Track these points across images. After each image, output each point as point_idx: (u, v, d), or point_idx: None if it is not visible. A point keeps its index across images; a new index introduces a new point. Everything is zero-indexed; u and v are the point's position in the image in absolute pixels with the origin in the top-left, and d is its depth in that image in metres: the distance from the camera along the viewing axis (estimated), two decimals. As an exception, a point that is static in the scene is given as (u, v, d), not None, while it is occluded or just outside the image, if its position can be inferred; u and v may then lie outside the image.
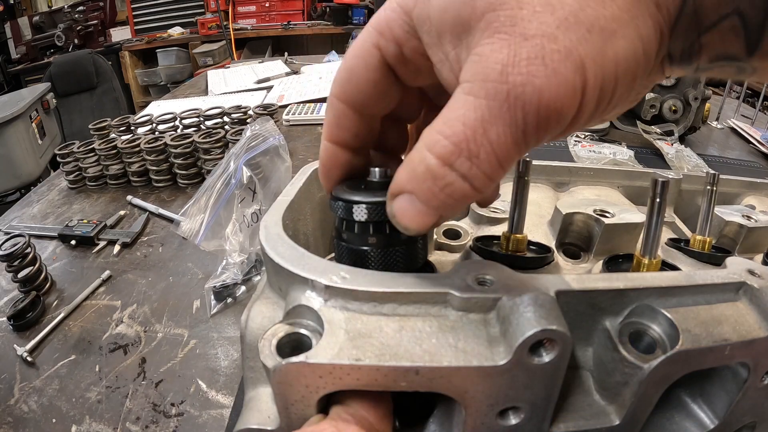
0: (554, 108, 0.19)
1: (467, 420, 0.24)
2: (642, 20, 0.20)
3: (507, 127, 0.20)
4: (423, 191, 0.22)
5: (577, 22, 0.19)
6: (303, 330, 0.24)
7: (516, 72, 0.19)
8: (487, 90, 0.20)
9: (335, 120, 0.27)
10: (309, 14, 3.83)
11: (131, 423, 0.54)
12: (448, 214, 0.23)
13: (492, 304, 0.24)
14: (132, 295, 0.74)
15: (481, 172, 0.21)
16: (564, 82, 0.19)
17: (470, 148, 0.20)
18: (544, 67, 0.19)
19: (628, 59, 0.20)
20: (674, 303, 0.26)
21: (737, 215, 0.46)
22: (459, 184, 0.21)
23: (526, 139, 0.20)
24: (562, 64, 0.19)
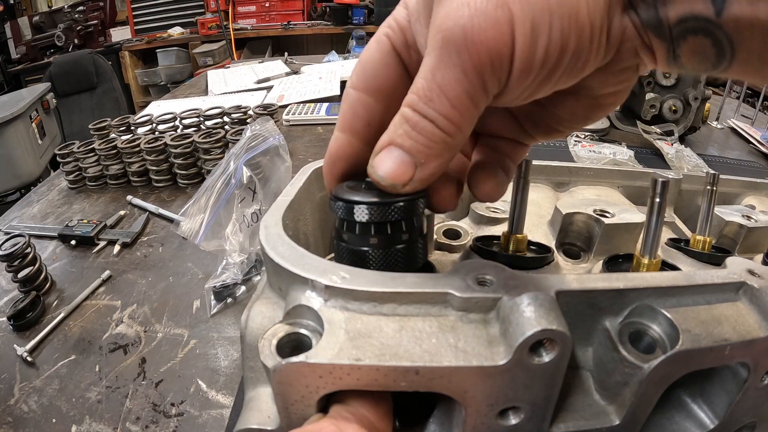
0: (480, 41, 0.21)
1: (467, 420, 0.24)
2: None
3: (448, 69, 0.22)
4: (398, 135, 0.24)
5: None
6: (303, 330, 0.24)
7: (449, 18, 0.21)
8: (433, 43, 0.22)
9: (349, 108, 0.28)
10: (309, 14, 3.83)
11: (131, 423, 0.54)
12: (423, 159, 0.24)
13: (492, 304, 0.24)
14: (132, 295, 0.74)
15: (438, 113, 0.23)
16: (486, 17, 0.21)
17: (425, 93, 0.23)
18: (468, 9, 0.21)
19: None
20: (674, 303, 0.26)
21: (737, 215, 0.46)
22: (423, 123, 0.23)
23: (467, 78, 0.22)
24: (484, 3, 0.21)
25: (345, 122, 0.28)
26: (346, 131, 0.28)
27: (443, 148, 0.24)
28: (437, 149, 0.24)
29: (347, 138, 0.28)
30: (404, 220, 0.27)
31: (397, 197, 0.26)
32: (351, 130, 0.28)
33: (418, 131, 0.24)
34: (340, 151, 0.29)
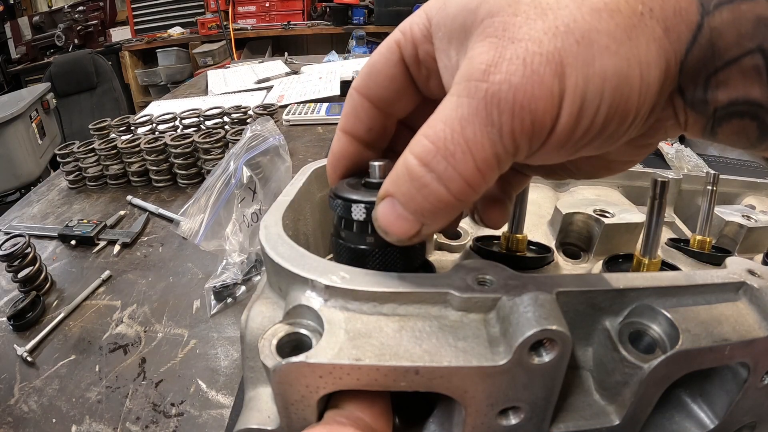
0: (529, 108, 0.19)
1: (467, 420, 0.24)
2: (643, 42, 0.19)
3: (483, 125, 0.20)
4: (402, 193, 0.22)
5: (567, 31, 0.19)
6: (303, 330, 0.24)
7: (496, 71, 0.19)
8: (469, 89, 0.20)
9: (352, 111, 0.28)
10: (309, 14, 3.83)
11: (131, 423, 0.54)
12: (429, 221, 0.22)
13: (492, 304, 0.24)
14: (132, 295, 0.74)
15: (457, 174, 0.20)
16: (540, 84, 0.19)
17: (447, 147, 0.20)
18: (523, 68, 0.19)
19: (619, 78, 0.19)
20: (674, 303, 0.26)
21: (737, 215, 0.46)
22: (435, 186, 0.21)
23: (502, 141, 0.20)
24: (541, 66, 0.19)
25: (347, 125, 0.28)
26: (348, 133, 0.28)
27: (453, 211, 0.22)
28: (446, 212, 0.22)
29: (349, 139, 0.28)
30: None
31: None
32: (353, 133, 0.28)
33: (424, 195, 0.21)
34: (342, 151, 0.29)
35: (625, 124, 0.21)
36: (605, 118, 0.20)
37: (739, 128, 0.21)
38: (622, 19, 0.19)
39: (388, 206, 0.22)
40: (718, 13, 0.19)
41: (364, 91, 0.27)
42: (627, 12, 0.19)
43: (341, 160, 0.29)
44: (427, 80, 0.26)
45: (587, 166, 0.27)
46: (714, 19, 0.19)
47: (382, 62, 0.26)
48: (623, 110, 0.20)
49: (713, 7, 0.19)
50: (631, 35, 0.19)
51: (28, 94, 2.40)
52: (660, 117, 0.22)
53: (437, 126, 0.20)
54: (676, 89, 0.21)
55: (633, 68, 0.19)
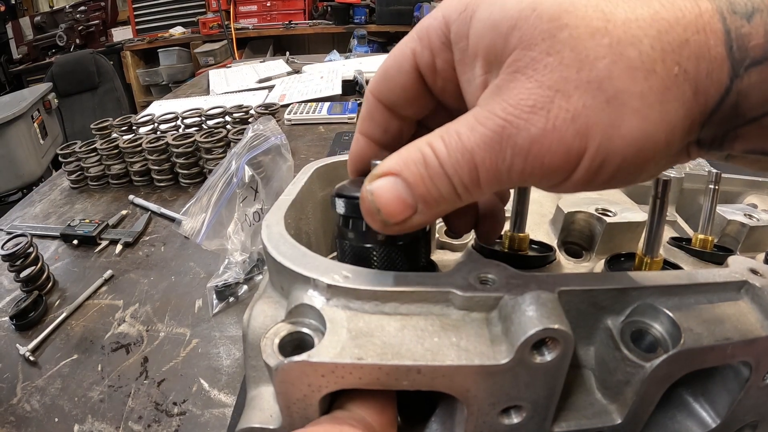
0: (542, 161, 0.20)
1: (469, 419, 0.24)
2: (673, 106, 0.19)
3: (494, 159, 0.20)
4: (411, 173, 0.22)
5: (600, 89, 0.19)
6: (305, 329, 0.24)
7: (518, 114, 0.19)
8: (489, 120, 0.20)
9: (368, 114, 0.28)
10: (310, 14, 3.83)
11: (133, 422, 0.54)
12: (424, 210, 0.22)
13: (494, 303, 0.24)
14: (134, 295, 0.74)
15: (460, 180, 0.21)
16: (559, 141, 0.19)
17: (458, 159, 0.21)
18: (545, 120, 0.19)
19: (643, 142, 0.19)
20: (676, 302, 0.26)
21: (739, 214, 0.46)
22: (443, 179, 0.21)
23: (509, 176, 0.21)
24: (565, 123, 0.19)
25: (363, 127, 0.29)
26: (366, 135, 0.29)
27: (449, 206, 0.23)
28: (446, 206, 0.22)
29: (366, 141, 0.29)
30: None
31: None
32: (369, 135, 0.29)
33: (434, 182, 0.22)
34: (360, 153, 0.29)
35: (642, 176, 0.21)
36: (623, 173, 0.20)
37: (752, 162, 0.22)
38: (657, 81, 0.19)
39: (389, 184, 0.22)
40: (746, 76, 0.19)
41: (378, 95, 0.27)
42: (662, 73, 0.19)
43: (360, 163, 0.29)
44: (443, 90, 0.26)
45: None
46: (742, 81, 0.19)
47: (395, 69, 0.26)
48: (641, 166, 0.20)
49: (743, 70, 0.19)
50: (663, 99, 0.19)
51: (29, 94, 2.41)
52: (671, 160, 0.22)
53: (453, 135, 0.21)
54: (695, 141, 0.21)
55: (659, 131, 0.19)
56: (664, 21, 0.19)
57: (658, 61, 0.19)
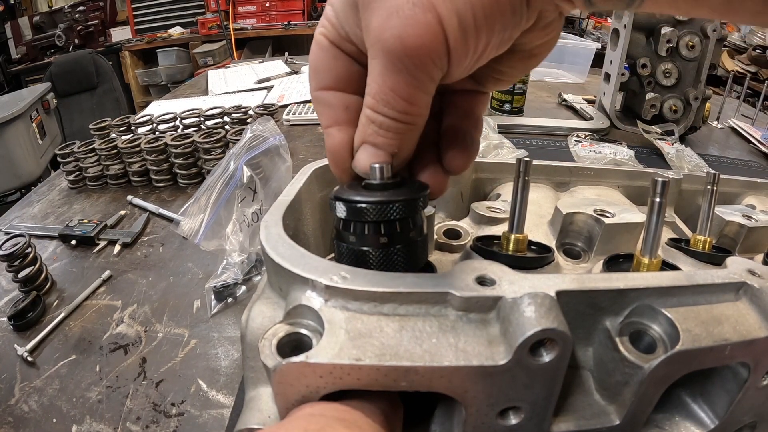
0: (417, 45, 0.23)
1: (468, 419, 0.24)
2: None
3: (396, 74, 0.24)
4: (369, 134, 0.27)
5: None
6: (303, 330, 0.24)
7: (383, 30, 0.24)
8: (375, 52, 0.25)
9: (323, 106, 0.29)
10: (309, 14, 3.83)
11: (132, 423, 0.54)
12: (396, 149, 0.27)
13: (492, 304, 0.24)
14: (132, 295, 0.74)
15: (395, 111, 0.26)
16: (417, 24, 0.23)
17: (382, 98, 0.25)
18: (399, 19, 0.23)
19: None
20: (674, 303, 0.26)
21: (737, 215, 0.46)
22: (387, 122, 0.26)
23: (415, 78, 0.25)
24: (412, 11, 0.23)
25: (326, 119, 0.30)
26: (333, 125, 0.29)
27: (410, 134, 0.27)
28: (406, 137, 0.27)
29: (336, 130, 0.29)
30: (404, 219, 0.27)
31: (396, 197, 0.26)
32: (335, 121, 0.29)
33: (385, 129, 0.26)
34: (336, 143, 0.29)
35: (507, 20, 0.24)
36: (486, 23, 0.24)
37: None
38: None
39: (363, 151, 0.27)
40: None
41: (321, 84, 0.29)
42: None
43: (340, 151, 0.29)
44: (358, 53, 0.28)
45: (515, 62, 0.30)
46: None
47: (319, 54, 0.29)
48: (498, 10, 0.24)
49: None
50: None
51: (28, 94, 2.40)
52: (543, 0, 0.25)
53: (371, 85, 0.26)
54: None
55: None
56: None
57: None
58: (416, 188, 0.27)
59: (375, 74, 0.25)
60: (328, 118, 0.29)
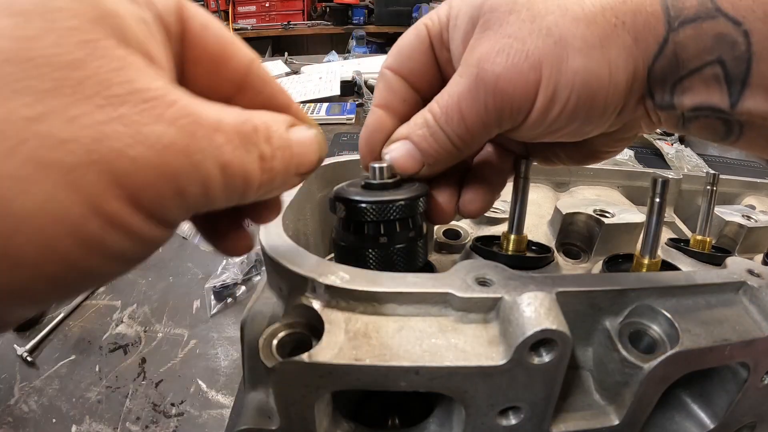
0: (508, 92, 0.24)
1: (467, 420, 0.24)
2: (614, 49, 0.23)
3: (473, 101, 0.25)
4: (418, 136, 0.27)
5: (549, 34, 0.23)
6: (303, 330, 0.24)
7: (486, 60, 0.24)
8: (467, 72, 0.25)
9: (385, 86, 0.30)
10: (309, 14, 3.83)
11: (131, 423, 0.54)
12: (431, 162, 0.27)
13: (492, 304, 0.24)
14: (132, 295, 0.74)
15: (453, 131, 0.26)
16: (518, 74, 0.24)
17: (448, 113, 0.26)
18: (506, 59, 0.24)
19: (588, 74, 0.23)
20: (674, 303, 0.26)
21: (737, 215, 0.46)
22: (440, 135, 0.27)
23: (487, 114, 0.25)
24: (521, 60, 0.24)
25: (382, 99, 0.30)
26: (384, 107, 0.30)
27: (451, 157, 0.27)
28: (446, 157, 0.27)
29: (384, 113, 0.30)
30: (404, 219, 0.27)
31: (396, 197, 0.26)
32: (387, 106, 0.30)
33: (435, 139, 0.27)
34: (378, 124, 0.30)
35: (594, 115, 0.25)
36: (575, 106, 0.24)
37: (707, 125, 0.25)
38: (597, 29, 0.23)
39: (402, 145, 0.28)
40: (682, 30, 0.23)
41: (395, 66, 0.30)
42: (602, 23, 0.23)
43: (376, 133, 0.30)
44: (447, 62, 0.29)
45: (576, 154, 0.31)
46: (678, 34, 0.23)
47: (412, 41, 0.29)
48: (591, 102, 0.24)
49: (678, 24, 0.23)
50: (604, 42, 0.23)
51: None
52: (634, 116, 0.26)
53: (444, 97, 0.26)
54: (647, 93, 0.25)
55: (602, 69, 0.23)
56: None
57: (598, 14, 0.23)
58: (416, 189, 0.27)
59: (454, 90, 0.26)
60: (383, 99, 0.30)
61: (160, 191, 0.15)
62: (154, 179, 0.15)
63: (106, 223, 0.14)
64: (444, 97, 0.26)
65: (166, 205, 0.16)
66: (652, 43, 0.23)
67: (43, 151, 0.13)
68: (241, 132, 0.18)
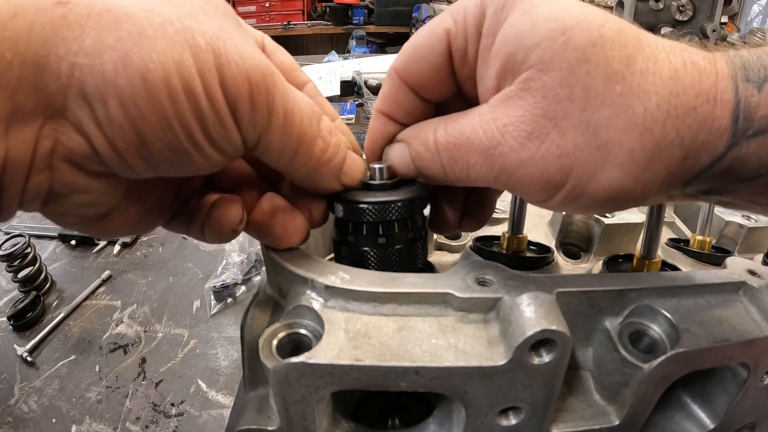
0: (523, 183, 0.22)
1: (467, 420, 0.24)
2: (658, 168, 0.20)
3: (484, 165, 0.23)
4: (415, 148, 0.26)
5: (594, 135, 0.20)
6: (303, 330, 0.24)
7: (515, 137, 0.21)
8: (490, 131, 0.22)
9: (390, 93, 0.28)
10: (309, 14, 3.83)
11: (131, 423, 0.54)
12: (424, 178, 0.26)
13: (492, 305, 0.24)
14: (132, 295, 0.74)
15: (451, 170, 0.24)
16: (543, 172, 0.21)
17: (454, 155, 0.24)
18: (535, 150, 0.21)
19: (618, 192, 0.21)
20: (674, 303, 0.26)
21: (737, 215, 0.46)
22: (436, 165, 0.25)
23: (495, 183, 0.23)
24: (552, 157, 0.21)
25: (386, 107, 0.28)
26: (385, 113, 0.28)
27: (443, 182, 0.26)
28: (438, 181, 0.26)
29: (385, 119, 0.28)
30: (403, 220, 0.27)
31: (395, 197, 0.26)
32: (391, 115, 0.28)
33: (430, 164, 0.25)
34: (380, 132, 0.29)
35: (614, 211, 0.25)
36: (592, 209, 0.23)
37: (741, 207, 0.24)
38: (651, 141, 0.20)
39: (399, 149, 0.27)
40: (746, 144, 0.20)
41: (406, 74, 0.27)
42: (659, 135, 0.20)
43: (379, 141, 0.29)
44: (467, 77, 0.26)
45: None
46: (740, 149, 0.20)
47: (427, 48, 0.26)
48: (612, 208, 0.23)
49: (744, 139, 0.20)
50: (650, 159, 0.20)
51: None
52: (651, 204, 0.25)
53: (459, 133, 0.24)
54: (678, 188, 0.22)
55: (637, 186, 0.21)
56: (679, 83, 0.20)
57: (659, 122, 0.20)
58: (415, 190, 0.27)
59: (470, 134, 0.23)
60: (387, 107, 0.28)
61: (241, 92, 0.20)
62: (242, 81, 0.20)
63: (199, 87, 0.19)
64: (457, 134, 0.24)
65: (239, 108, 0.20)
66: (704, 160, 0.21)
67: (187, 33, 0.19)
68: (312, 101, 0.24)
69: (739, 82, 0.20)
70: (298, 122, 0.22)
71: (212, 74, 0.19)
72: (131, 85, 0.18)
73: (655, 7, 1.12)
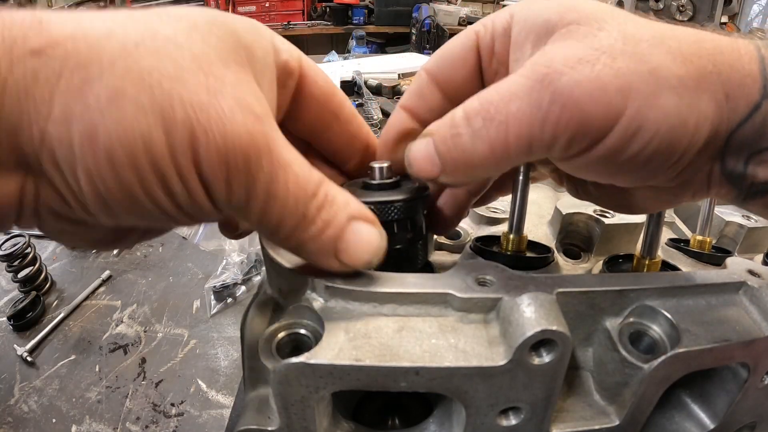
0: (581, 108, 0.20)
1: (467, 420, 0.24)
2: (706, 98, 0.20)
3: (529, 105, 0.20)
4: (439, 135, 0.23)
5: (643, 61, 0.20)
6: (303, 330, 0.24)
7: (563, 63, 0.20)
8: (531, 71, 0.21)
9: (417, 90, 0.29)
10: (309, 14, 3.84)
11: (131, 423, 0.54)
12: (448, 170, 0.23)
13: (492, 305, 0.24)
14: (132, 295, 0.74)
15: (487, 136, 0.21)
16: (602, 91, 0.20)
17: (489, 110, 0.21)
18: (590, 70, 0.20)
19: (676, 120, 0.20)
20: (674, 303, 0.26)
21: (737, 215, 0.46)
22: (465, 139, 0.22)
23: (542, 128, 0.20)
24: (608, 76, 0.20)
25: (410, 102, 0.29)
26: (408, 110, 0.29)
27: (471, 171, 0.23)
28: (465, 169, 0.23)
29: (406, 116, 0.29)
30: (404, 220, 0.27)
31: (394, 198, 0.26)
32: (413, 111, 0.29)
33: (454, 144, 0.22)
34: (400, 126, 0.29)
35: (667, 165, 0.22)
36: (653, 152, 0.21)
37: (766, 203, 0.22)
38: (694, 70, 0.20)
39: (422, 144, 0.24)
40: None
41: (434, 71, 0.28)
42: (698, 65, 0.20)
43: (398, 135, 0.29)
44: (494, 74, 0.27)
45: (612, 199, 0.28)
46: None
47: (458, 45, 0.27)
48: (670, 150, 0.21)
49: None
50: (698, 86, 0.20)
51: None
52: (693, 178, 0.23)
53: (490, 91, 0.22)
54: (718, 156, 0.22)
55: (692, 115, 0.20)
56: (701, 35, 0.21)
57: (694, 54, 0.20)
58: (415, 189, 0.27)
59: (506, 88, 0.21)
60: (411, 102, 0.29)
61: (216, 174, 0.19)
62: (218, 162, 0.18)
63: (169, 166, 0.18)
64: (489, 92, 0.22)
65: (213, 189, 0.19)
66: (743, 106, 0.20)
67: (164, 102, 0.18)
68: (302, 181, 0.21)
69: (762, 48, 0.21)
70: (280, 204, 0.20)
71: (184, 154, 0.18)
72: (96, 161, 0.17)
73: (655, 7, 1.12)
